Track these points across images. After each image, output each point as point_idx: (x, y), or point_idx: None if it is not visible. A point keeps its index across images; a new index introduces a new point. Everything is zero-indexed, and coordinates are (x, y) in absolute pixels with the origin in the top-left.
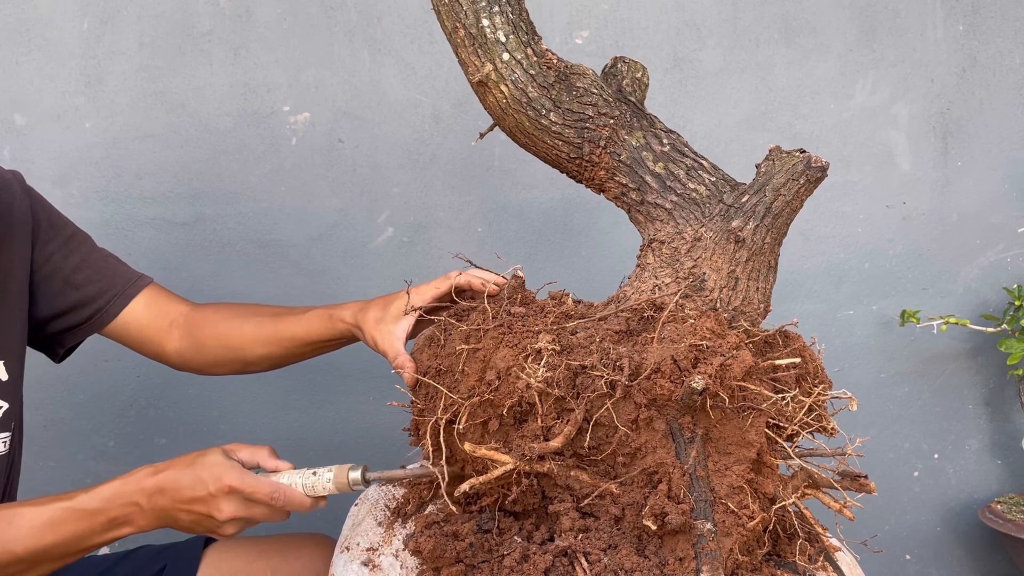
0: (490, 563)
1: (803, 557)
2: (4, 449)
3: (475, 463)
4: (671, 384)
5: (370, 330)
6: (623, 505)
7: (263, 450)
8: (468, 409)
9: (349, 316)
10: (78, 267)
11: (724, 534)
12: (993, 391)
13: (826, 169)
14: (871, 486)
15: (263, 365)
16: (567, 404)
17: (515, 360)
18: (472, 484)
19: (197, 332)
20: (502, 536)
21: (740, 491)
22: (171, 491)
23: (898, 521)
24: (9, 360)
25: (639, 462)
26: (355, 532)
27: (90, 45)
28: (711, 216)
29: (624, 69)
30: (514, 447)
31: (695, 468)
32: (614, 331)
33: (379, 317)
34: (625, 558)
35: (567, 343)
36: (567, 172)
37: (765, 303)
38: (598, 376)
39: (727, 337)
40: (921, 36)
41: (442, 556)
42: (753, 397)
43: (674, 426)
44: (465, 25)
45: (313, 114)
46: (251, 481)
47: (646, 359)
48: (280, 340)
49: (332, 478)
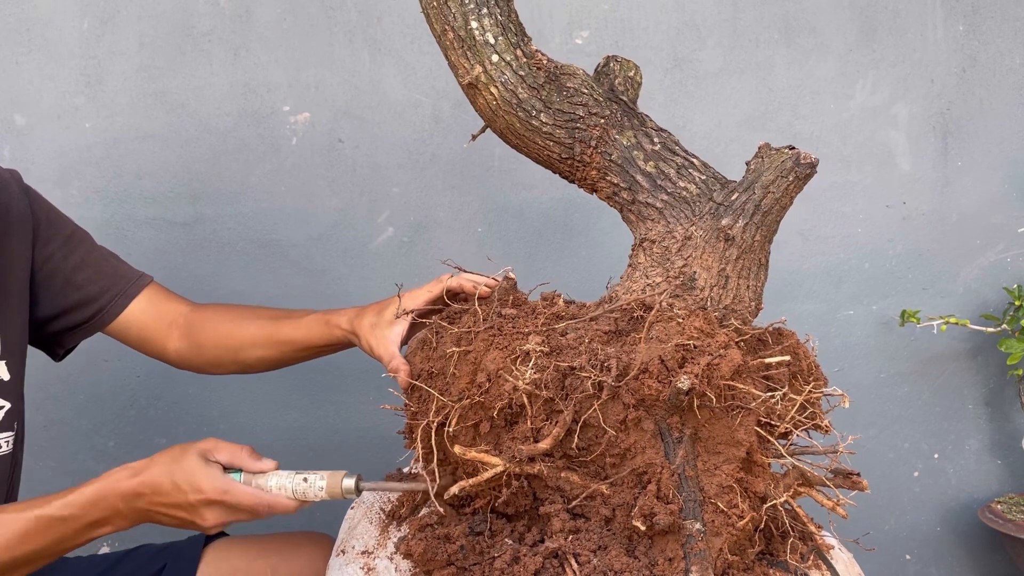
0: (481, 565)
1: (795, 556)
2: (7, 448)
3: (466, 465)
4: (659, 384)
5: (365, 335)
6: (613, 506)
7: (243, 451)
8: (458, 412)
9: (345, 323)
10: (79, 266)
11: (714, 534)
12: (993, 391)
13: (815, 165)
14: (864, 483)
15: (260, 367)
16: (556, 406)
17: (505, 362)
18: (462, 486)
19: (196, 333)
20: (494, 538)
21: (730, 491)
22: (150, 495)
23: (898, 521)
24: (10, 360)
25: (628, 462)
26: (351, 535)
27: (90, 45)
28: (701, 214)
29: (616, 68)
30: (504, 449)
31: (684, 468)
32: (603, 332)
33: (374, 322)
34: (615, 559)
35: (556, 344)
36: (559, 172)
37: (756, 301)
38: (586, 377)
39: (716, 336)
40: (921, 36)
41: (433, 559)
42: (742, 396)
43: (662, 426)
44: (454, 28)
45: (313, 114)
46: (232, 491)
47: (634, 359)
48: (278, 344)
49: (325, 486)
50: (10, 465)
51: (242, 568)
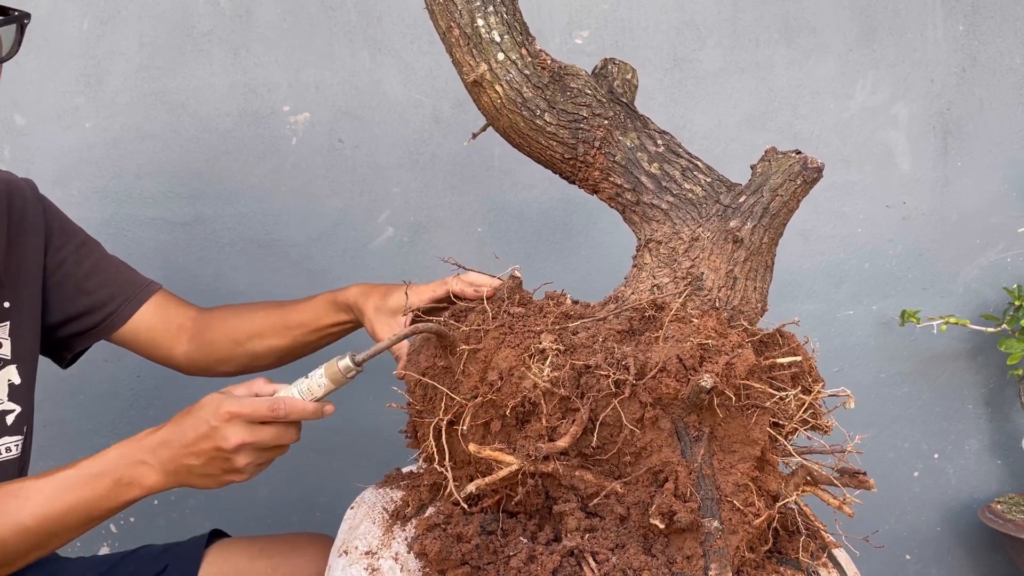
0: (496, 564)
1: (806, 554)
2: (17, 452)
3: (479, 464)
4: (677, 383)
5: (370, 316)
6: (628, 504)
7: (257, 380)
8: (471, 410)
9: (352, 296)
10: (90, 273)
11: (731, 532)
12: (993, 391)
13: (822, 170)
14: (870, 482)
15: (271, 358)
16: (571, 404)
17: (518, 360)
18: (478, 485)
19: (206, 332)
20: (506, 537)
21: (745, 489)
22: (174, 439)
23: (898, 521)
24: (22, 364)
25: (644, 461)
26: (353, 535)
27: (90, 45)
28: (708, 216)
29: (614, 70)
30: (518, 448)
31: (701, 466)
32: (616, 331)
33: (378, 306)
34: (633, 557)
35: (570, 343)
36: (560, 173)
37: (762, 303)
38: (603, 375)
39: (729, 336)
40: (921, 36)
41: (448, 558)
42: (756, 395)
43: (679, 425)
44: (460, 25)
45: (313, 114)
46: (248, 402)
47: (651, 358)
48: (288, 328)
49: (324, 373)
50: (19, 469)
51: (244, 568)
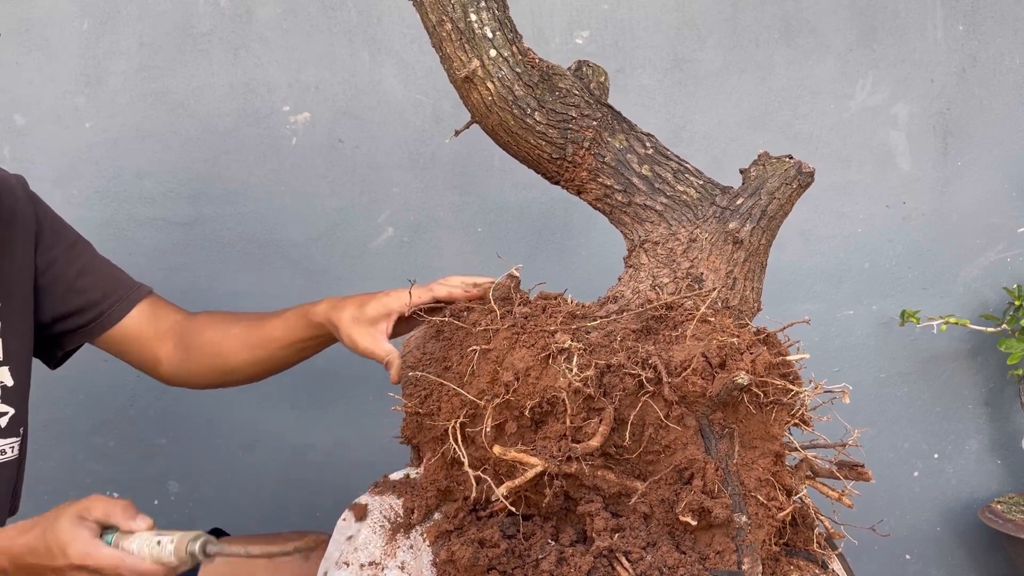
0: (523, 568)
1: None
2: (13, 454)
3: (499, 465)
4: (703, 381)
5: (346, 328)
6: (651, 503)
7: (118, 506)
8: (492, 411)
9: (322, 312)
10: (81, 272)
11: (757, 526)
12: (993, 391)
13: (813, 175)
14: (868, 474)
15: (245, 372)
16: (594, 403)
17: (534, 360)
18: (509, 487)
19: (187, 339)
20: (528, 541)
21: (767, 484)
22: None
23: (898, 521)
24: (14, 366)
25: (669, 459)
26: (352, 546)
27: (90, 45)
28: (705, 218)
29: (589, 72)
30: (539, 449)
31: (727, 463)
32: (632, 330)
33: (355, 316)
34: (667, 555)
35: (587, 343)
36: (544, 172)
37: (758, 302)
38: (629, 374)
39: (743, 335)
40: (921, 36)
41: (475, 564)
42: (774, 392)
43: (703, 422)
44: (453, 19)
45: (313, 114)
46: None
47: (674, 357)
48: (263, 342)
49: (173, 550)
50: (15, 470)
51: (244, 567)
